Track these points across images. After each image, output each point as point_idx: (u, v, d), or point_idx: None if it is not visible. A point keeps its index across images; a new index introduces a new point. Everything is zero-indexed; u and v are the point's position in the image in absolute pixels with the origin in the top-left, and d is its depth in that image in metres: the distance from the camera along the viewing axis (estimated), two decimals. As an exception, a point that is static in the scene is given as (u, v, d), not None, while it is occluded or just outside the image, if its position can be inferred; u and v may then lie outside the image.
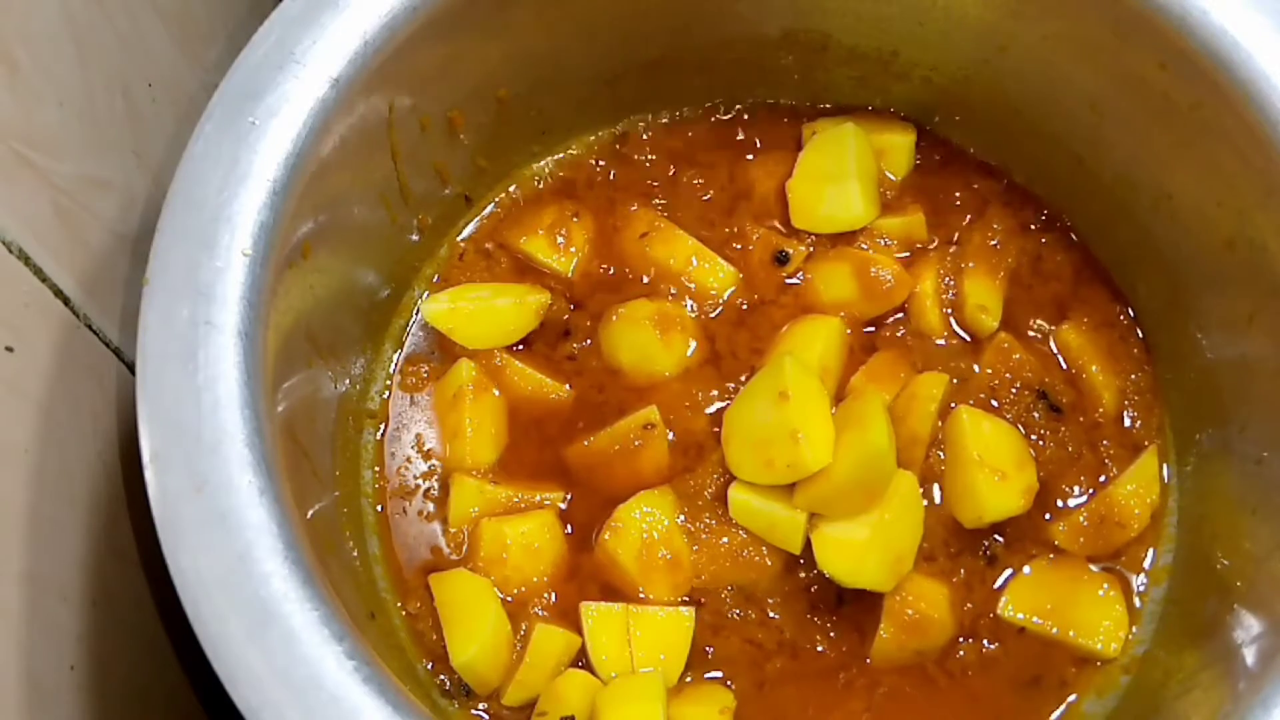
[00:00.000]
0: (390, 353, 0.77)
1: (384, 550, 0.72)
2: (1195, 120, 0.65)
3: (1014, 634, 0.70)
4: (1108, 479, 0.73)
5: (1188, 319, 0.73)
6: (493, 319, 0.75)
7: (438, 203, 0.77)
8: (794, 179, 0.78)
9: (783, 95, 0.82)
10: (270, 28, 0.62)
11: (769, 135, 0.82)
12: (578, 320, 0.76)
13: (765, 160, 0.80)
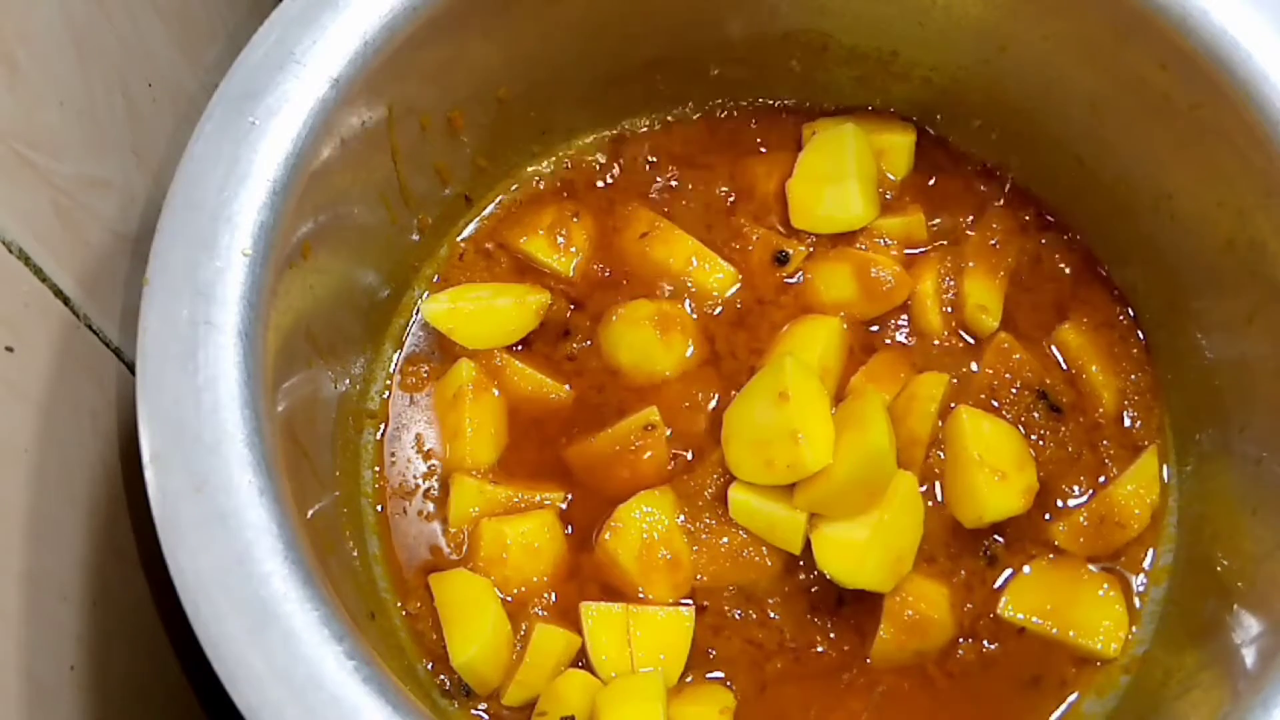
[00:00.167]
0: (390, 353, 0.77)
1: (384, 550, 0.72)
2: (1195, 120, 0.65)
3: (1014, 634, 0.70)
4: (1108, 479, 0.73)
5: (1188, 319, 0.73)
6: (493, 319, 0.75)
7: (438, 203, 0.77)
8: (794, 179, 0.78)
9: (783, 95, 0.82)
10: (270, 28, 0.62)
11: (769, 135, 0.81)
12: (578, 320, 0.76)
13: (765, 160, 0.80)
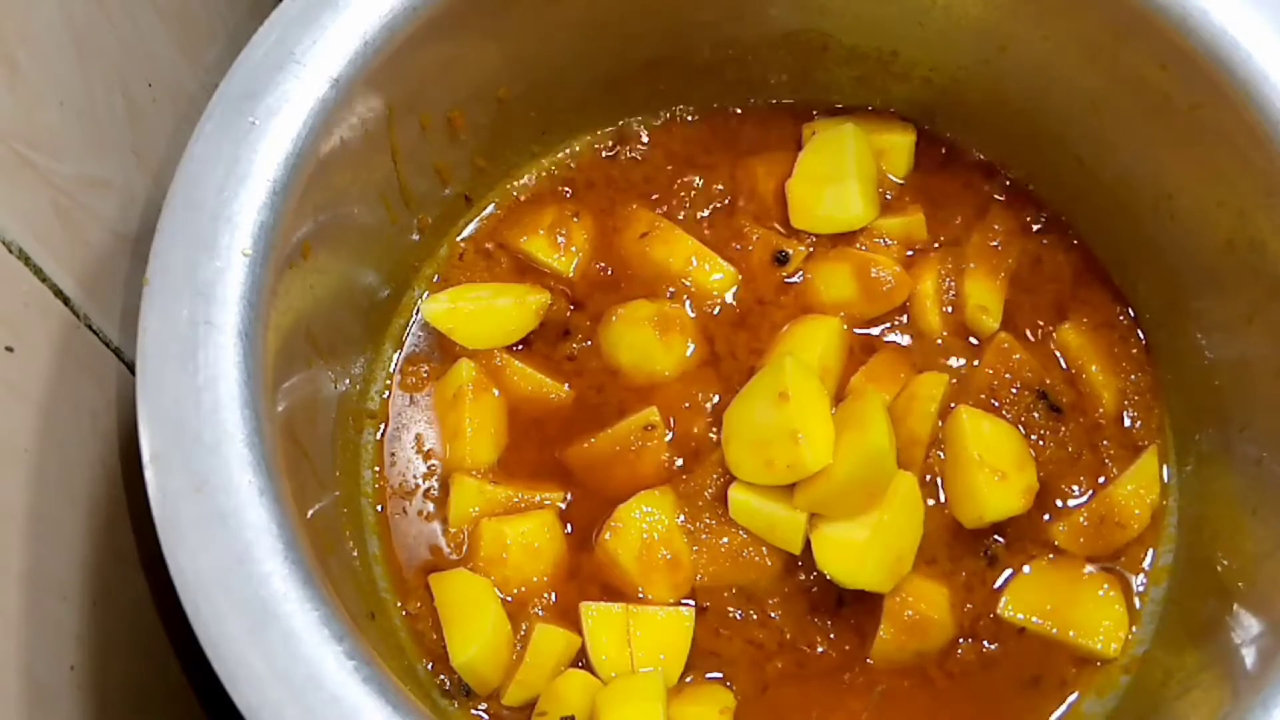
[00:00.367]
0: (390, 353, 0.77)
1: (384, 550, 0.72)
2: (1195, 120, 0.65)
3: (1014, 634, 0.70)
4: (1108, 479, 0.73)
5: (1188, 319, 0.73)
6: (493, 319, 0.75)
7: (438, 203, 0.77)
8: (794, 179, 0.78)
9: (783, 95, 0.82)
10: (270, 28, 0.62)
11: (769, 135, 0.81)
12: (578, 320, 0.76)
13: (765, 160, 0.80)
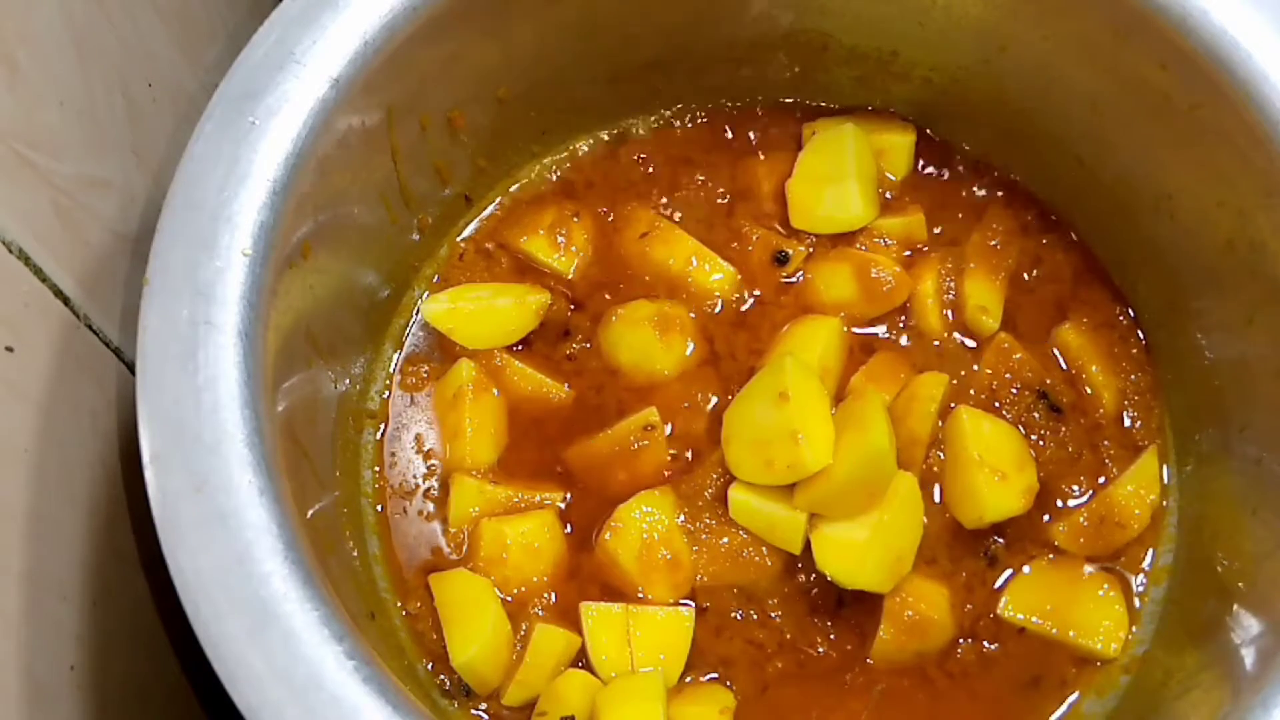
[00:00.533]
0: (390, 353, 0.77)
1: (384, 550, 0.72)
2: (1195, 120, 0.65)
3: (1014, 634, 0.70)
4: (1108, 479, 0.73)
5: (1188, 319, 0.73)
6: (493, 319, 0.75)
7: (438, 203, 0.77)
8: (793, 179, 0.78)
9: (783, 95, 0.82)
10: (270, 28, 0.62)
11: (769, 135, 0.81)
12: (578, 320, 0.76)
13: (765, 160, 0.80)
